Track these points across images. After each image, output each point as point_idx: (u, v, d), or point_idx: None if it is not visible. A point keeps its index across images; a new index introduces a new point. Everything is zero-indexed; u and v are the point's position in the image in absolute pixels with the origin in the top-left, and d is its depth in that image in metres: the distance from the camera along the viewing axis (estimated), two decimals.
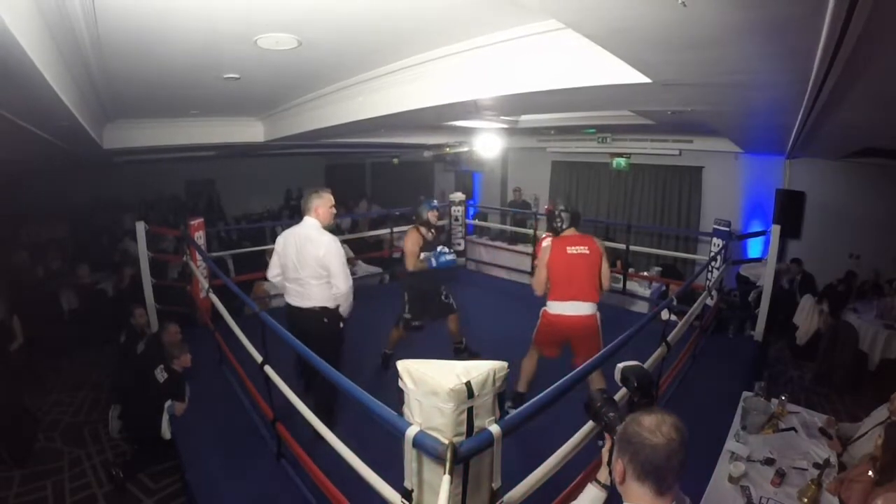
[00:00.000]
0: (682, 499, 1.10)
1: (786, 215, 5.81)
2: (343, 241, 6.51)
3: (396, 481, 1.51)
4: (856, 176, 5.69)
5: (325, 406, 2.75)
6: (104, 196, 9.14)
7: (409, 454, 1.38)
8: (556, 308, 3.05)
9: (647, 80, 2.02)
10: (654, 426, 1.06)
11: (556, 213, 3.18)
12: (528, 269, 6.54)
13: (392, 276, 6.88)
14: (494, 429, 1.39)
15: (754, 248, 6.33)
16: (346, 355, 4.10)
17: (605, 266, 3.08)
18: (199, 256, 4.55)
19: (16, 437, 3.52)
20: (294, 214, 10.27)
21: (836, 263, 5.80)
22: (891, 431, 2.20)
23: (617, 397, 1.75)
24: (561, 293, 3.03)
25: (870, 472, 2.03)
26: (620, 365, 1.57)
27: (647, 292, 5.70)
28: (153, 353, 3.62)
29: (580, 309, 3.00)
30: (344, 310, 2.99)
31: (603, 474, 1.38)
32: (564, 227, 3.14)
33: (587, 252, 3.03)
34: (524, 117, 5.29)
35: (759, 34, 1.42)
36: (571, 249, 3.04)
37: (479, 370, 1.39)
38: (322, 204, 2.93)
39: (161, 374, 3.29)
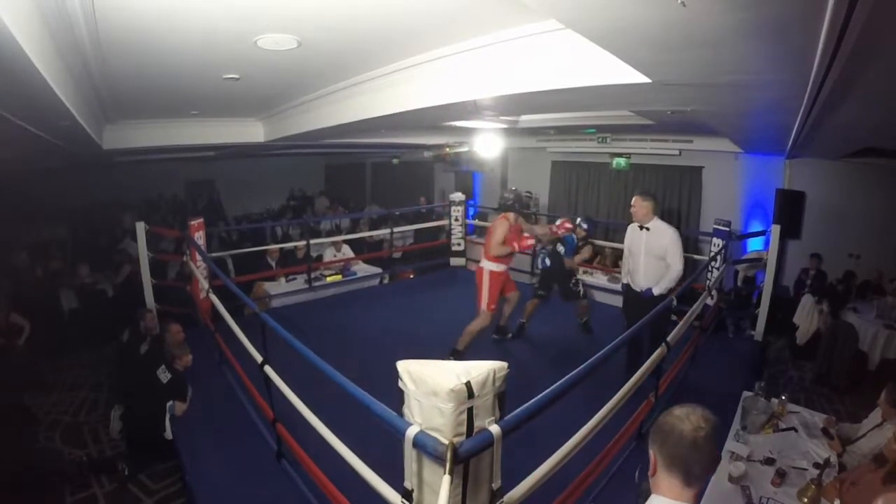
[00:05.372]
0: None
1: (786, 215, 5.80)
2: (344, 241, 6.58)
3: (396, 481, 1.51)
4: (856, 176, 5.67)
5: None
6: (104, 196, 9.13)
7: (410, 454, 1.38)
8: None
9: (646, 80, 2.01)
10: (684, 415, 1.08)
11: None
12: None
13: (392, 277, 6.87)
14: (494, 429, 1.39)
15: (754, 248, 6.33)
16: (346, 355, 4.12)
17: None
18: (199, 256, 4.54)
19: (15, 436, 3.51)
20: (293, 214, 10.32)
21: (836, 263, 5.79)
22: None
23: None
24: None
25: (879, 471, 2.00)
26: None
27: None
28: (156, 354, 3.61)
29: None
30: None
31: None
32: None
33: None
34: (524, 117, 5.28)
35: (759, 34, 1.42)
36: None
37: (479, 370, 1.39)
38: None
39: (164, 375, 3.28)
